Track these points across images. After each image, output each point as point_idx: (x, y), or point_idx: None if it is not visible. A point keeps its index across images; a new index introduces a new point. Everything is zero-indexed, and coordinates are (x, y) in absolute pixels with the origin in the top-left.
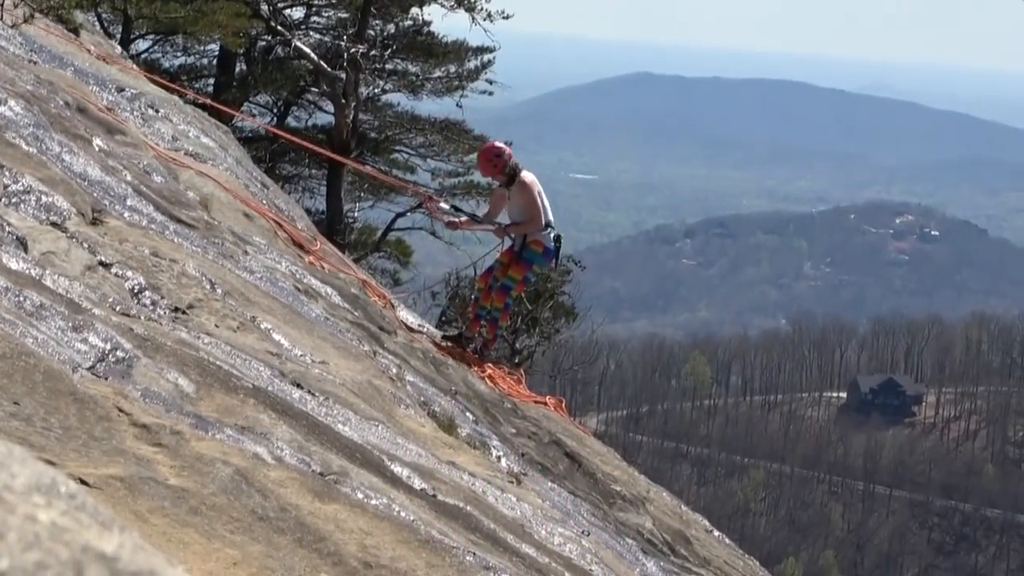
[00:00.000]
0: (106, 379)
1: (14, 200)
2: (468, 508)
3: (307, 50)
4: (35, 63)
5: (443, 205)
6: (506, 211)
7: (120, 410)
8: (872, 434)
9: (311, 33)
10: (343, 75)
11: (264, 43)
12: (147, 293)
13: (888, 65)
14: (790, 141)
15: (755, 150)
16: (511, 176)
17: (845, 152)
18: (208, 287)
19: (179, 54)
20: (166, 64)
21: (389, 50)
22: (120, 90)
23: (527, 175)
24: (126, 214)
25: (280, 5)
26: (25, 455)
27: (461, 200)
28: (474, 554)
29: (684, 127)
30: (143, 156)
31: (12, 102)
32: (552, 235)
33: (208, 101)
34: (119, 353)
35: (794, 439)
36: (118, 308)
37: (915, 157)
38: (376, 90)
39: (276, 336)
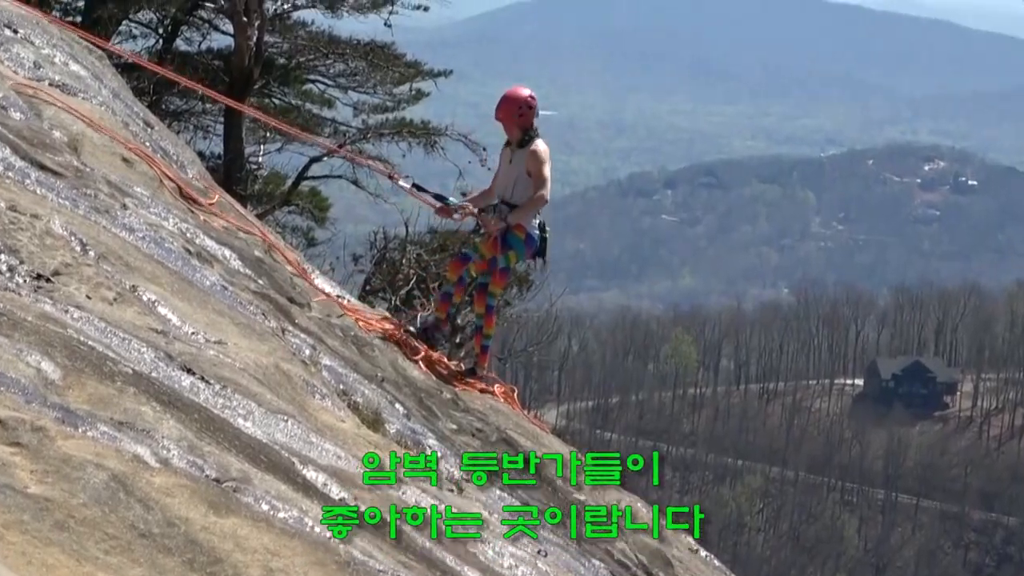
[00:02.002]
0: None
1: None
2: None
3: None
4: None
5: (403, 183)
6: (500, 180)
7: None
8: (895, 430)
9: None
10: None
11: None
12: (2, 257)
13: None
14: (793, 68)
15: (750, 79)
16: (527, 137)
17: (861, 82)
18: (78, 249)
19: None
20: None
21: None
22: None
23: (542, 142)
24: None
25: None
26: None
27: (390, 143)
28: None
29: (663, 51)
30: None
31: None
32: (538, 221)
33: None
34: None
35: (799, 437)
36: None
37: (947, 88)
38: (286, 5)
39: (162, 309)
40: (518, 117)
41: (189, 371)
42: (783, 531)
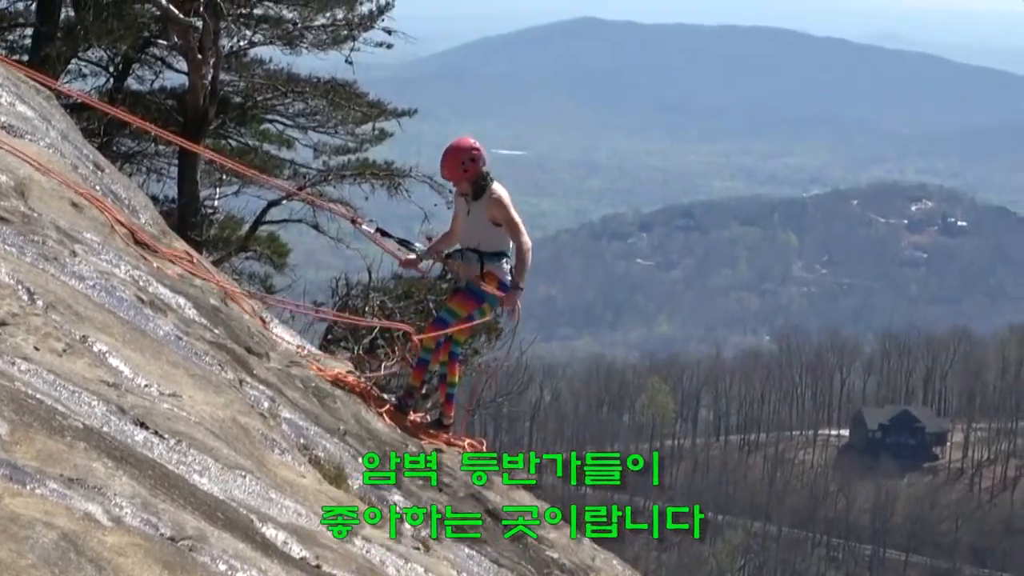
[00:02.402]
0: None
1: None
2: None
3: None
4: None
5: (366, 228)
6: (462, 230)
7: None
8: (882, 483)
9: None
10: (199, 23)
11: None
12: None
13: (900, 9)
14: (775, 105)
15: (729, 117)
16: (481, 186)
17: (846, 119)
18: (26, 298)
19: None
20: None
21: None
22: None
23: (499, 186)
24: None
25: None
26: None
27: (352, 185)
28: None
29: (637, 87)
30: None
31: None
32: (509, 266)
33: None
34: None
35: (782, 490)
36: None
37: (935, 126)
38: (242, 42)
39: (113, 361)
40: (463, 171)
41: (142, 425)
42: None
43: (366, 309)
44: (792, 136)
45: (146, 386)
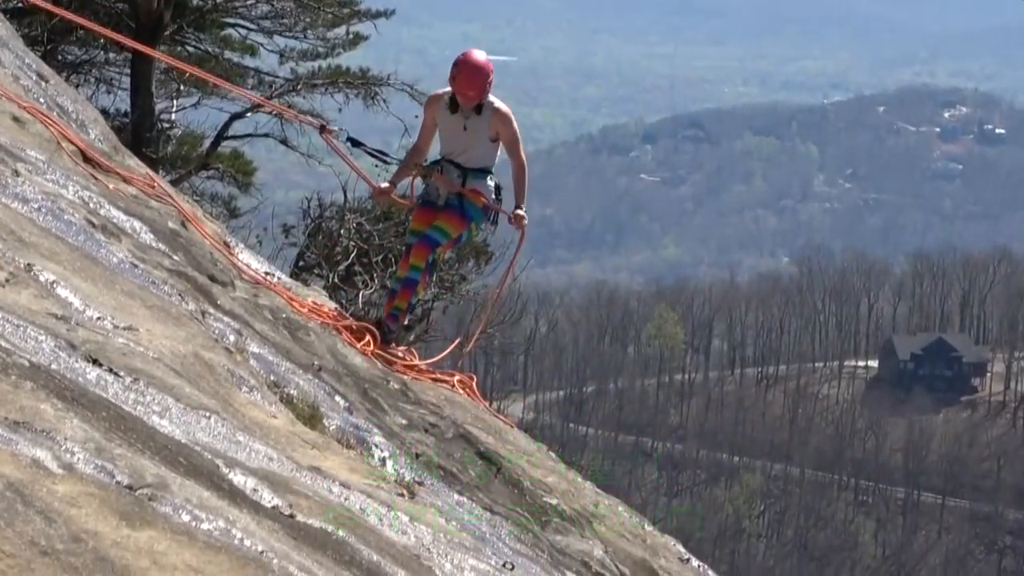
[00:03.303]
0: None
1: None
2: (340, 533)
3: None
4: None
5: (336, 140)
6: (449, 142)
7: None
8: (915, 419)
9: None
10: None
11: None
12: None
13: None
14: (791, 2)
15: (740, 16)
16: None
17: (869, 17)
18: None
19: None
20: None
21: None
22: None
23: (501, 101)
24: None
25: None
26: None
27: (323, 95)
28: None
29: None
30: None
31: None
32: (493, 183)
33: None
34: None
35: (804, 428)
36: None
37: (969, 22)
38: None
39: (62, 291)
40: (487, 87)
41: (95, 362)
42: (788, 537)
43: (341, 232)
44: (810, 37)
45: (98, 319)
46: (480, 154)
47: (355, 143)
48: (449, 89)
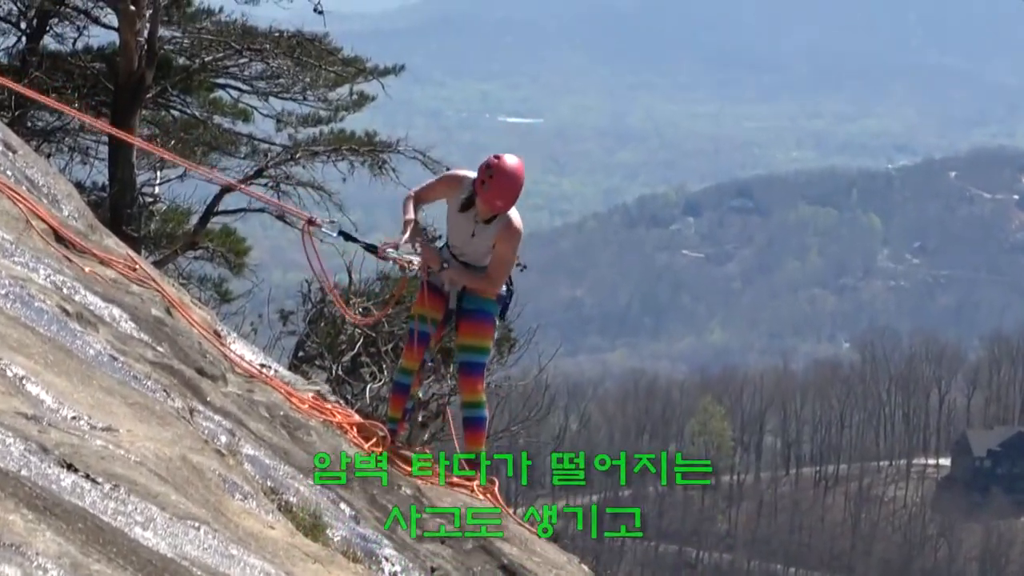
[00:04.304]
0: None
1: None
2: None
3: None
4: None
5: (325, 229)
6: (460, 243)
7: None
8: (993, 524)
9: None
10: None
11: None
12: None
13: None
14: (849, 55)
15: (794, 69)
16: None
17: (939, 68)
18: None
19: None
20: None
21: None
22: None
23: (517, 216)
24: None
25: None
26: None
27: (325, 163)
28: None
29: (678, 37)
30: None
31: None
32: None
33: None
34: None
35: (868, 535)
36: None
37: None
38: None
39: (32, 388)
40: (516, 199)
41: (70, 467)
42: None
43: (345, 321)
44: (872, 93)
45: (73, 418)
46: (479, 259)
47: (347, 238)
48: (472, 176)
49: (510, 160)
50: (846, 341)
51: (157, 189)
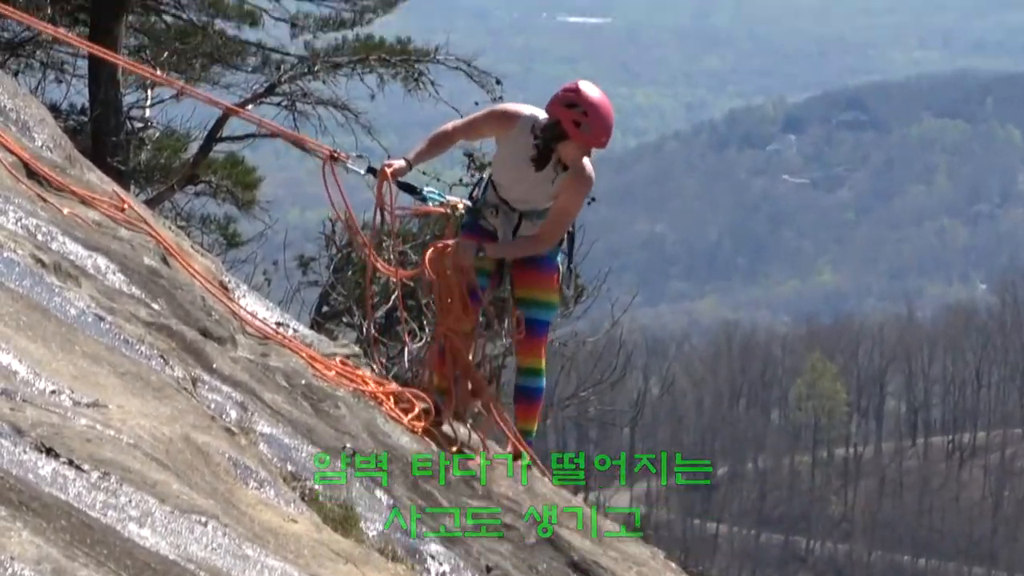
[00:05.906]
0: None
1: None
2: None
3: None
4: None
5: (352, 165)
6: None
7: None
8: None
9: None
10: None
11: None
12: None
13: None
14: None
15: None
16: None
17: None
18: None
19: None
20: None
21: None
22: None
23: (590, 164)
24: None
25: None
26: None
27: (349, 77)
28: None
29: None
30: None
31: None
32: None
33: None
34: None
35: (1013, 517)
36: None
37: None
38: None
39: (2, 356)
40: (575, 124)
41: (49, 452)
42: None
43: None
44: None
45: (52, 392)
46: (545, 202)
47: (374, 172)
48: (532, 114)
49: (588, 86)
50: (982, 282)
51: (148, 111)
